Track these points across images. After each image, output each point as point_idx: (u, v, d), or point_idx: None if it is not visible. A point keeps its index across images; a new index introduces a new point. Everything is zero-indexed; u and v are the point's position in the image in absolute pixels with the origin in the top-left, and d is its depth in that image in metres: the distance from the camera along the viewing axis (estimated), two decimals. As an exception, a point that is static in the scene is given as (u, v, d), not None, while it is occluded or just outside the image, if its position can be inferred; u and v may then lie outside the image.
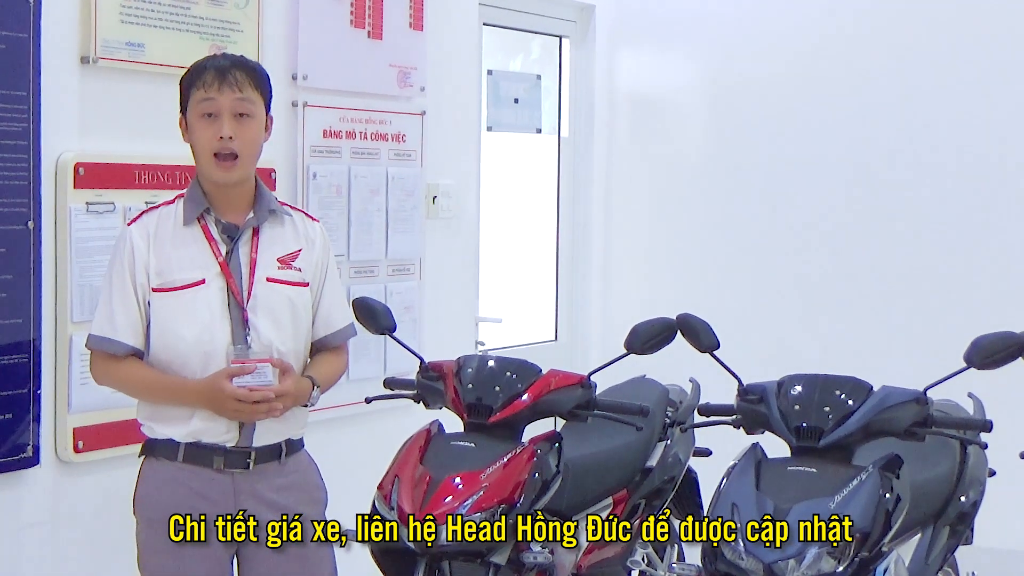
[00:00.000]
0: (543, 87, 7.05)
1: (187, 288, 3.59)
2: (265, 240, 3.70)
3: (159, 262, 3.60)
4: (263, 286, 3.65)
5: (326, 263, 3.83)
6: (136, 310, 3.61)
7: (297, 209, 3.86)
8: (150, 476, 3.68)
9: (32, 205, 4.16)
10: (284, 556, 3.67)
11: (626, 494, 4.58)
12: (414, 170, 5.75)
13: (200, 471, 3.61)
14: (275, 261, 3.69)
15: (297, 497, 3.74)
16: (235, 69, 3.63)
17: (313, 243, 3.79)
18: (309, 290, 3.76)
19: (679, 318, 4.07)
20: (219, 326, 3.61)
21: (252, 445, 3.65)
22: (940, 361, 3.89)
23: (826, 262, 6.82)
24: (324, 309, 3.82)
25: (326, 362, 3.84)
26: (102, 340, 3.62)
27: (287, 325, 3.70)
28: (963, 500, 4.33)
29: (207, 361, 3.59)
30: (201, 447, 3.61)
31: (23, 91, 4.13)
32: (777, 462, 3.74)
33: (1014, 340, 3.74)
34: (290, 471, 3.74)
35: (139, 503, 3.69)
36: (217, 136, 3.58)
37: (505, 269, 6.91)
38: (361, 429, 5.41)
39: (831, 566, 3.45)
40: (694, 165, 7.20)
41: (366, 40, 5.49)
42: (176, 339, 3.60)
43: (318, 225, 3.86)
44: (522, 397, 4.15)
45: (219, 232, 3.65)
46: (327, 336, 3.84)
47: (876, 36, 6.69)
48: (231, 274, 3.62)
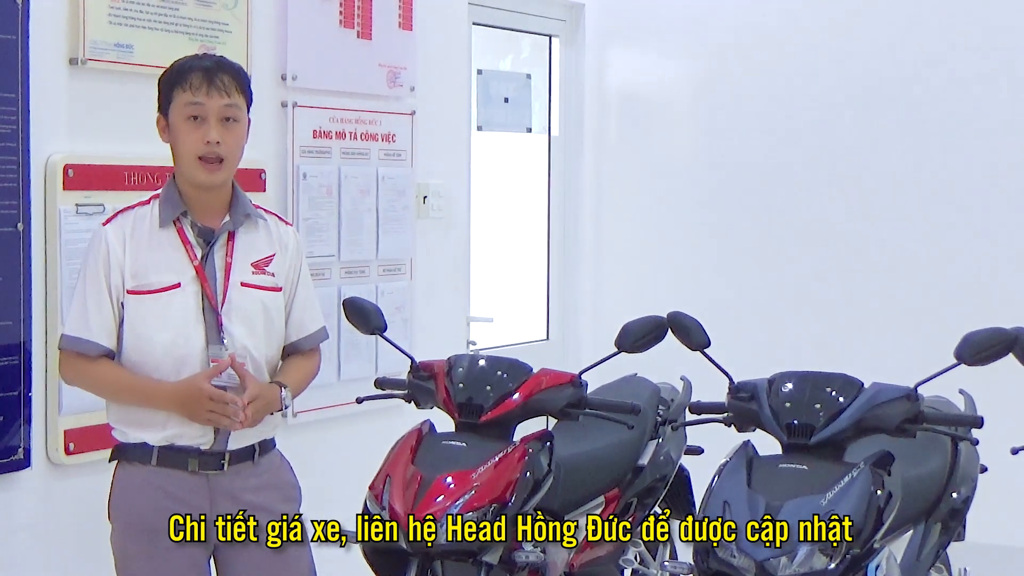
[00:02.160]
0: (533, 86, 7.05)
1: (162, 291, 3.58)
2: (240, 245, 3.68)
3: (135, 264, 3.58)
4: (237, 291, 3.64)
5: (299, 267, 3.82)
6: (110, 311, 3.59)
7: (271, 213, 3.84)
8: (124, 481, 3.65)
9: (21, 207, 4.16)
10: (261, 555, 3.67)
11: (618, 493, 4.58)
12: (404, 170, 5.74)
13: (175, 474, 3.60)
14: (249, 266, 3.68)
15: (271, 496, 3.73)
16: (221, 73, 3.61)
17: (286, 247, 3.78)
18: (282, 295, 3.76)
19: (670, 316, 4.07)
20: (193, 330, 3.59)
21: (227, 448, 3.64)
22: (931, 358, 3.89)
23: (816, 259, 6.83)
24: (296, 313, 3.81)
25: (297, 366, 3.84)
26: (76, 340, 3.60)
27: (260, 330, 3.69)
28: (955, 496, 4.34)
29: (180, 366, 3.58)
30: (175, 450, 3.60)
31: (11, 93, 4.12)
32: (768, 460, 3.74)
33: (1004, 336, 3.74)
34: (263, 471, 3.73)
35: (114, 509, 3.67)
36: (204, 140, 3.57)
37: (496, 268, 6.91)
38: (352, 429, 5.41)
39: (823, 563, 3.45)
40: (684, 164, 7.21)
41: (355, 40, 5.49)
42: (150, 343, 3.58)
43: (291, 229, 3.85)
44: (513, 396, 4.15)
45: (195, 236, 3.63)
46: (299, 340, 3.84)
47: (864, 34, 6.70)
48: (206, 279, 3.61)
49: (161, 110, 3.65)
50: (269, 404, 3.65)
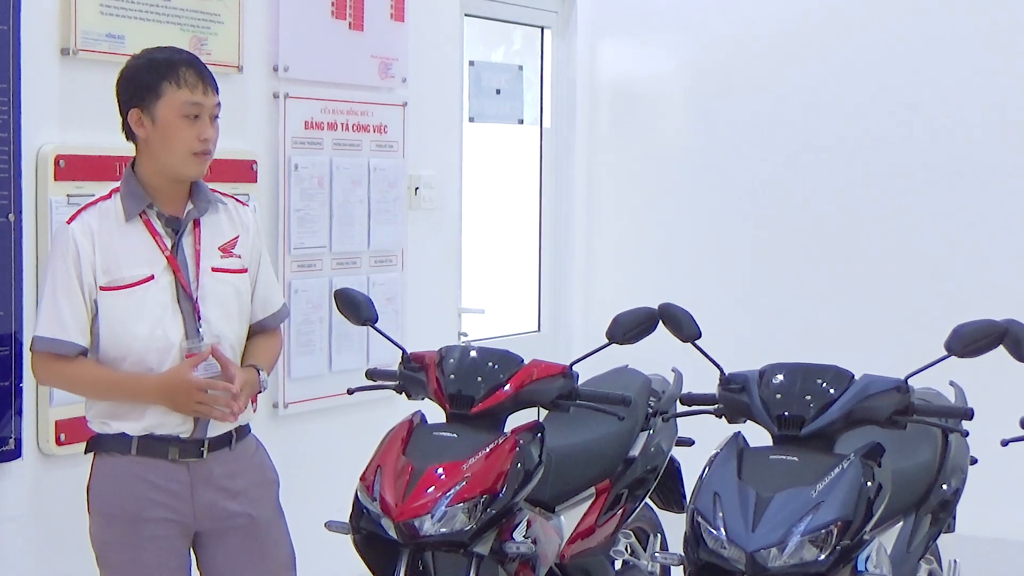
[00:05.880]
0: (525, 78, 7.05)
1: (136, 285, 3.56)
2: (206, 230, 3.68)
3: (105, 260, 3.56)
4: (209, 276, 3.65)
5: (260, 246, 3.84)
6: (83, 309, 3.56)
7: (228, 196, 3.83)
8: (103, 472, 3.64)
9: (13, 198, 4.15)
10: (240, 541, 3.68)
11: (609, 484, 4.58)
12: (396, 161, 5.74)
13: (155, 462, 3.59)
14: (217, 251, 3.69)
15: (250, 479, 3.73)
16: (206, 70, 3.63)
17: (247, 228, 3.79)
18: (248, 275, 3.77)
19: (661, 308, 4.08)
20: (171, 320, 3.59)
21: (207, 435, 3.64)
22: (921, 349, 3.90)
23: (807, 251, 6.84)
24: (261, 292, 3.82)
25: (266, 346, 3.84)
26: (51, 341, 3.56)
27: (234, 313, 3.71)
28: (945, 488, 4.34)
29: (162, 357, 3.57)
30: (155, 439, 3.59)
31: (3, 83, 4.12)
32: (759, 451, 3.75)
33: (995, 328, 3.74)
34: (240, 455, 3.72)
35: (94, 499, 3.65)
36: (200, 137, 3.58)
37: (487, 260, 6.91)
38: (343, 420, 5.42)
39: (813, 554, 3.46)
40: (676, 155, 7.21)
41: (347, 31, 5.48)
42: (129, 337, 3.56)
43: (248, 209, 3.86)
44: (504, 387, 4.15)
45: (162, 226, 3.62)
46: (265, 319, 3.85)
47: (857, 26, 6.71)
48: (178, 267, 3.60)
49: (139, 103, 3.60)
50: (252, 388, 3.68)
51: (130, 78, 3.63)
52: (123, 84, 3.64)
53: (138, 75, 3.61)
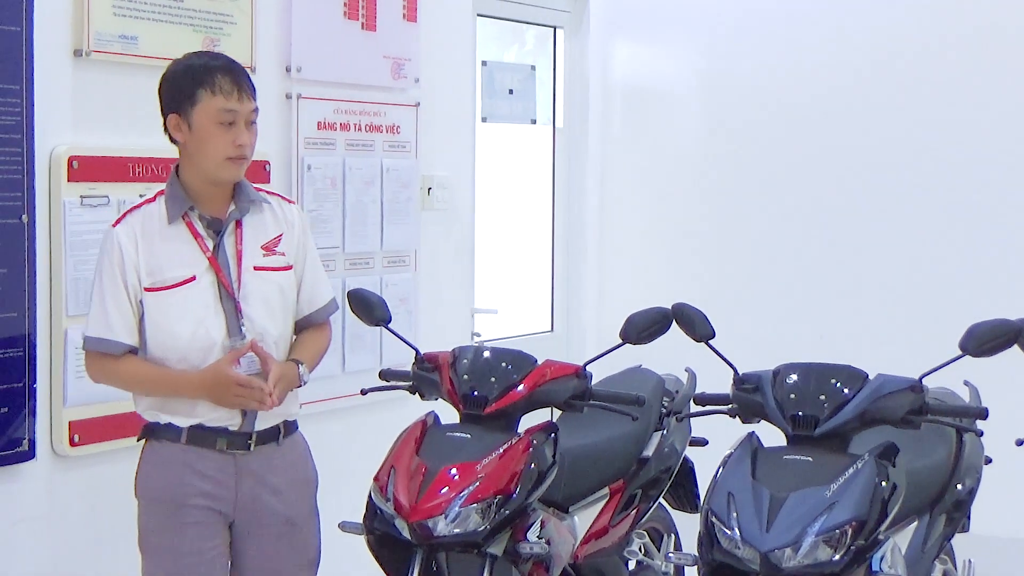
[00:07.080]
0: (537, 78, 7.04)
1: (179, 286, 3.66)
2: (248, 230, 3.77)
3: (149, 262, 3.66)
4: (251, 275, 3.73)
5: (306, 243, 3.90)
6: (130, 309, 3.67)
7: (273, 193, 3.92)
8: (152, 458, 3.75)
9: (26, 199, 4.16)
10: (274, 534, 3.77)
11: (622, 484, 4.58)
12: (409, 162, 5.74)
13: (203, 452, 3.69)
14: (260, 249, 3.77)
15: (292, 477, 3.83)
16: (243, 76, 3.69)
17: (292, 225, 3.86)
18: (293, 272, 3.84)
19: (674, 308, 4.08)
20: (213, 320, 3.68)
21: (254, 428, 3.73)
22: (936, 349, 3.89)
23: (821, 251, 6.82)
24: (307, 288, 3.89)
25: (311, 340, 3.92)
26: (100, 341, 3.68)
27: (278, 311, 3.79)
28: (959, 488, 4.34)
29: (206, 355, 3.67)
30: (205, 429, 3.69)
31: (16, 84, 4.13)
32: (773, 451, 3.75)
33: (1009, 328, 3.74)
34: (287, 452, 3.83)
35: (141, 484, 3.76)
36: (235, 143, 3.65)
37: (500, 260, 6.91)
38: (357, 420, 5.42)
39: (828, 555, 3.46)
40: (689, 155, 7.20)
41: (360, 32, 5.48)
42: (172, 336, 3.67)
43: (295, 207, 3.93)
44: (518, 388, 4.15)
45: (204, 227, 3.72)
46: (311, 314, 3.92)
47: (871, 28, 6.68)
48: (220, 268, 3.69)
49: (176, 109, 3.66)
50: (290, 382, 3.75)
51: (169, 84, 3.71)
52: (163, 89, 3.73)
53: (176, 81, 3.69)
